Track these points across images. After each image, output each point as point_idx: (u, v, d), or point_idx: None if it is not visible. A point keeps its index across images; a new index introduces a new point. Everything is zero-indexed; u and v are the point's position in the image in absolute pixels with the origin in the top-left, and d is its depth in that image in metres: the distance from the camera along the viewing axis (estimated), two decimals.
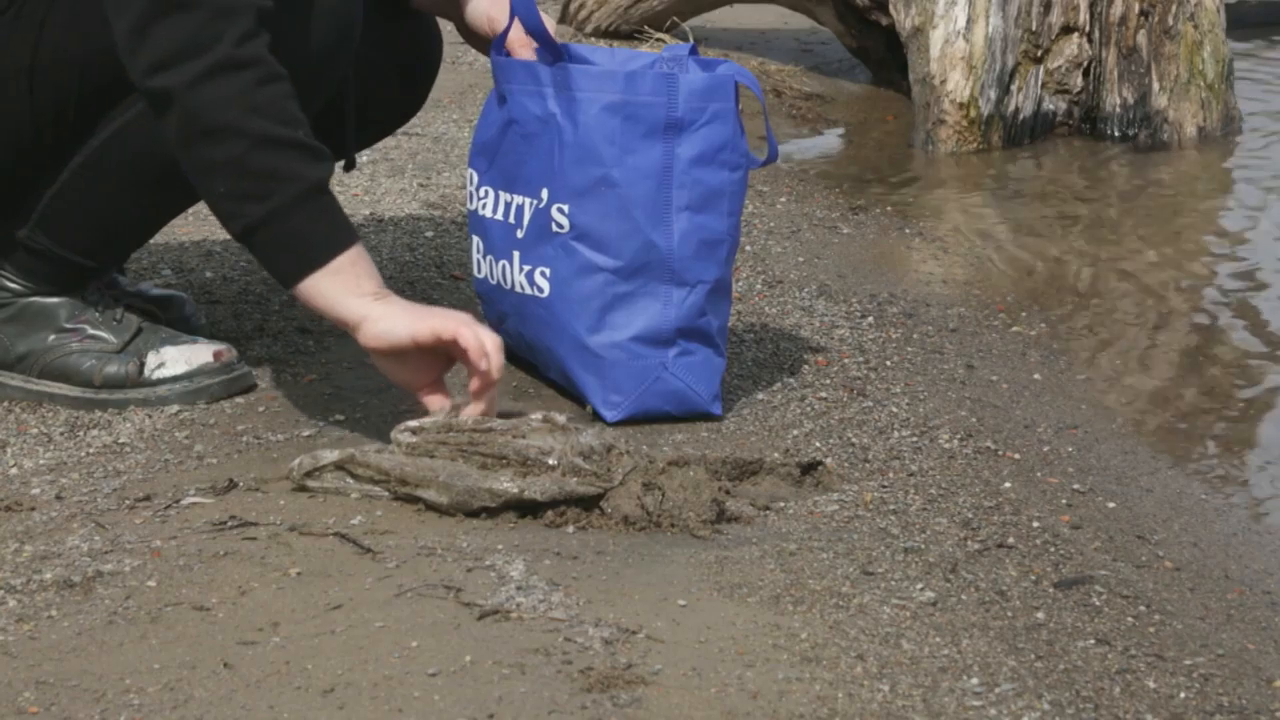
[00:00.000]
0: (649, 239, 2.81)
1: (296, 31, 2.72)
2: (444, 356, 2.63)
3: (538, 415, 2.57)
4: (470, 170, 2.97)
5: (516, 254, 2.88)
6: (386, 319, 2.59)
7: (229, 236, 2.72)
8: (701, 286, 2.84)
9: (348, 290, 2.60)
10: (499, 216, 2.90)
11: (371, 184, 4.10)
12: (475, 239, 2.97)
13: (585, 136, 2.79)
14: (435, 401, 2.64)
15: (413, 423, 2.57)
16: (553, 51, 2.81)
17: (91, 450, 2.76)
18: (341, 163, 3.17)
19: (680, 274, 2.82)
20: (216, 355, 2.92)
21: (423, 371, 2.64)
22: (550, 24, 2.87)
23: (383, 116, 3.21)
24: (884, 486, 2.64)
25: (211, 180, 2.61)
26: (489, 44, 2.94)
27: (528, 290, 2.87)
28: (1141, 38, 4.97)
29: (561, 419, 2.56)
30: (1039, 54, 4.96)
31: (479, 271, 2.97)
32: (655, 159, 2.81)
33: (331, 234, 2.62)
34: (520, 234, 2.87)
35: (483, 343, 2.59)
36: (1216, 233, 4.25)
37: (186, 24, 2.58)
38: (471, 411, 2.60)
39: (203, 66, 2.57)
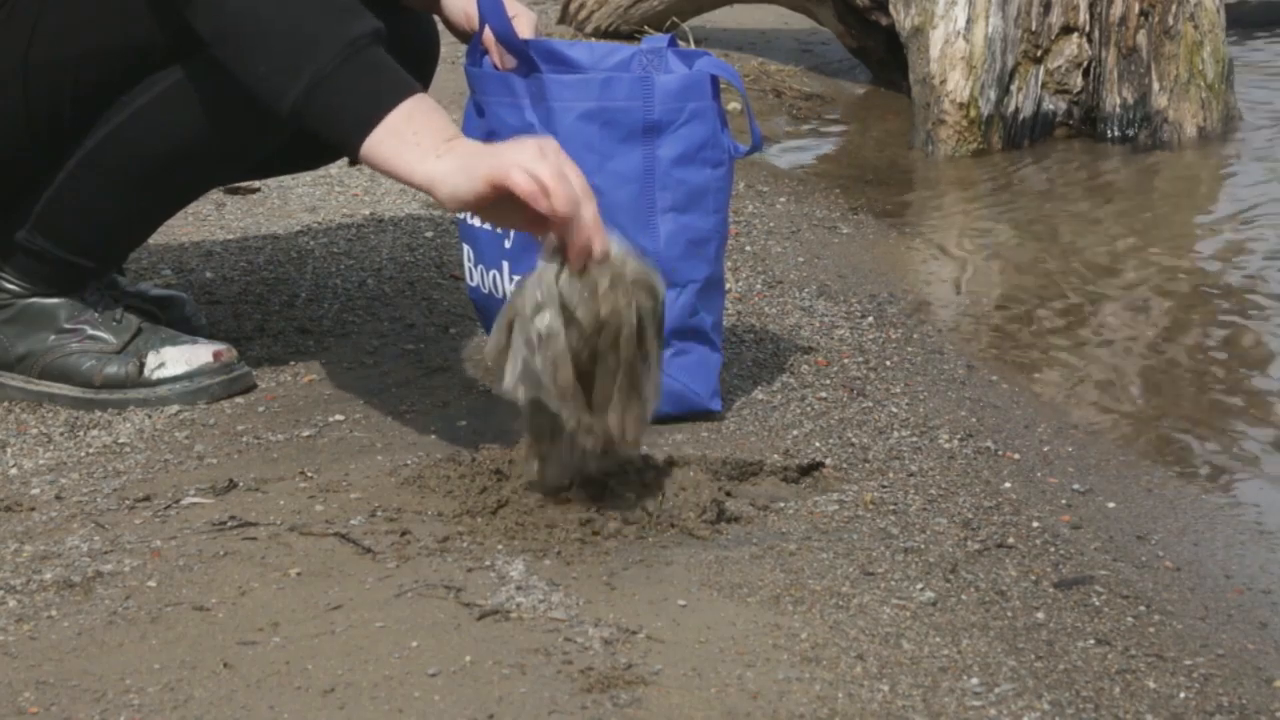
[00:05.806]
0: (635, 243, 2.79)
1: None
2: None
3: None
4: None
5: (506, 264, 2.87)
6: (450, 180, 2.41)
7: (229, 236, 2.71)
8: (692, 286, 2.83)
9: (406, 150, 2.45)
10: (487, 226, 2.90)
11: (371, 184, 4.10)
12: (466, 248, 2.96)
13: (564, 145, 2.77)
14: (549, 240, 2.42)
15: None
16: (524, 61, 2.79)
17: (91, 450, 2.76)
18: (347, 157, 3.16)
19: (669, 275, 2.80)
20: (216, 355, 2.92)
21: (522, 209, 2.40)
22: (529, 24, 2.84)
23: None
24: (884, 486, 2.64)
25: (252, 61, 2.52)
26: (469, 37, 2.94)
27: None
28: (1141, 38, 4.97)
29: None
30: (1039, 54, 4.96)
31: (471, 280, 2.97)
32: (636, 163, 2.79)
33: (379, 92, 2.48)
34: (508, 244, 2.86)
35: (536, 180, 2.36)
36: (1217, 233, 4.25)
37: None
38: (571, 255, 2.38)
39: None
